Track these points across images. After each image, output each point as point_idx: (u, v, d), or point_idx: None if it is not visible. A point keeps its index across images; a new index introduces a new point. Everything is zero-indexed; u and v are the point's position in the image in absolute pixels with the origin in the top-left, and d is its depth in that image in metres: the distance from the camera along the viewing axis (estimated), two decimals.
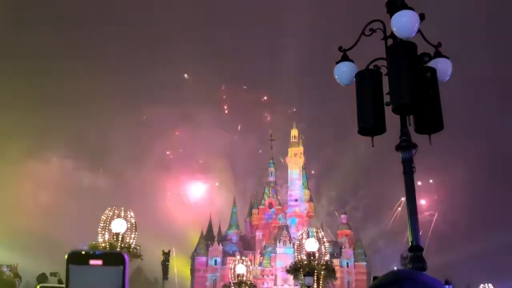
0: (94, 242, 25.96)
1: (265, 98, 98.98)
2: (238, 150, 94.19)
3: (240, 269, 39.33)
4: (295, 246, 39.71)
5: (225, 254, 68.36)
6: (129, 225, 25.69)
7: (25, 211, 77.35)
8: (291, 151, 75.97)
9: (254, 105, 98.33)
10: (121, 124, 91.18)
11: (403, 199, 5.19)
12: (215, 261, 70.03)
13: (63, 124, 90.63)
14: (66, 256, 1.22)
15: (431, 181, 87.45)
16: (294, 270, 35.10)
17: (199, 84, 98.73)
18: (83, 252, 1.23)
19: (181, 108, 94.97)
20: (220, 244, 71.12)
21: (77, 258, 1.22)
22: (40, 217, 75.92)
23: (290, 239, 65.58)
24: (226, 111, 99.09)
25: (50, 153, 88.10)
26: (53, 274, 17.14)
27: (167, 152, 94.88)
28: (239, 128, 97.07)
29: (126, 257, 1.25)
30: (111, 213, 26.18)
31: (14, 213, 73.63)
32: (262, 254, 70.08)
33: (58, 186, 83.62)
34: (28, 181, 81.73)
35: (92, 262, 1.21)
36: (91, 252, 1.23)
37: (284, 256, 63.56)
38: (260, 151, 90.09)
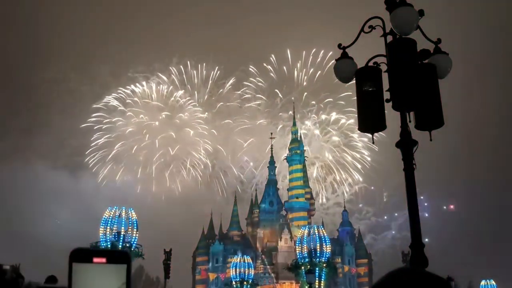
0: (95, 243, 25.92)
1: (265, 95, 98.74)
2: (237, 149, 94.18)
3: (242, 267, 39.36)
4: (297, 244, 39.74)
5: (226, 253, 68.34)
6: (130, 225, 25.68)
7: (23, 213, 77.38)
8: (292, 148, 75.87)
9: (254, 103, 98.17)
10: (109, 123, 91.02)
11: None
12: (217, 260, 70.05)
13: (44, 125, 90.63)
14: (69, 254, 1.19)
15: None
16: (296, 268, 35.13)
17: (196, 83, 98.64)
18: (87, 250, 1.21)
19: (174, 103, 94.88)
20: (221, 243, 71.11)
21: (80, 256, 1.20)
22: (36, 218, 75.91)
23: (291, 237, 65.57)
24: (225, 110, 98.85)
25: (31, 154, 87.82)
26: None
27: (162, 151, 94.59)
28: (239, 127, 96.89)
29: (130, 255, 1.24)
30: (112, 213, 26.16)
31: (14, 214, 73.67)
32: (263, 253, 70.06)
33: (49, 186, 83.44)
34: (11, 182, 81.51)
35: (95, 260, 1.19)
36: (95, 250, 1.21)
37: (286, 254, 63.56)
38: (261, 149, 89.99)
